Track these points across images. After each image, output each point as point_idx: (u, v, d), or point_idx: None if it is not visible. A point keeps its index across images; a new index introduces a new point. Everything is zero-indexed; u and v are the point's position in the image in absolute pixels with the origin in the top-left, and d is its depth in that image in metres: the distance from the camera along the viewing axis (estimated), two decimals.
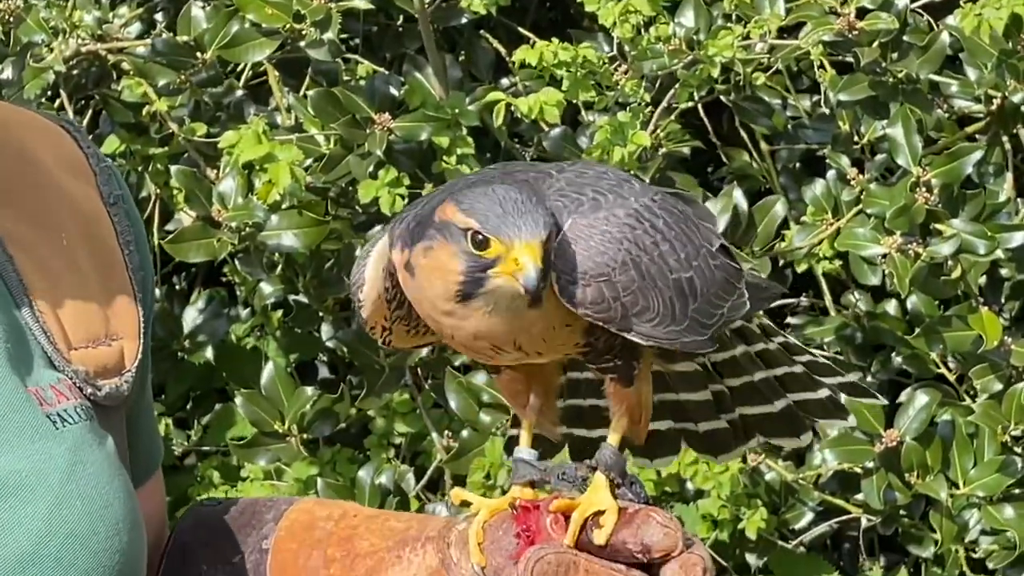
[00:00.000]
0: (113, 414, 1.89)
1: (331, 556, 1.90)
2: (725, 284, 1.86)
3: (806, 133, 3.70)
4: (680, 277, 1.80)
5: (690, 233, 1.83)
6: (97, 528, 1.78)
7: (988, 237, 3.28)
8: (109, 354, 1.89)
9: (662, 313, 1.78)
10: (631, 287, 1.76)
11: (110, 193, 1.97)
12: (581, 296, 1.75)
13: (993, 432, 3.37)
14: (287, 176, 3.27)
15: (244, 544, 1.94)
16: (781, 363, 1.98)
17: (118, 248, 1.95)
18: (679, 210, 1.84)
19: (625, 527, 1.78)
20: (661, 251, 1.79)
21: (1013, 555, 3.46)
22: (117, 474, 1.83)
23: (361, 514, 1.94)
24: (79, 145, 1.98)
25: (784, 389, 1.98)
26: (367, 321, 1.85)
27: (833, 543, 3.92)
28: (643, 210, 1.80)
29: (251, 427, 3.54)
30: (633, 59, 3.44)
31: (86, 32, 3.46)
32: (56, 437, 1.80)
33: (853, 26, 3.37)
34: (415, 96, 3.41)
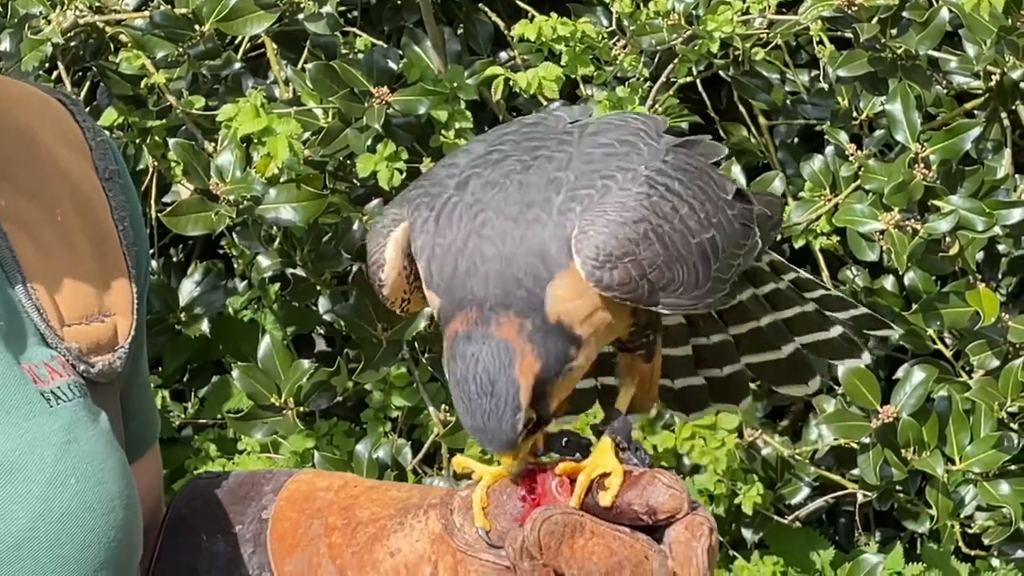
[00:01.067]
0: (106, 390, 1.89)
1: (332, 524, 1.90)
2: (743, 231, 1.83)
3: (805, 108, 3.70)
4: (702, 240, 1.77)
5: (706, 188, 1.80)
6: (93, 506, 1.78)
7: (986, 213, 3.28)
8: (102, 330, 1.89)
9: (687, 281, 1.76)
10: (656, 261, 1.74)
11: (105, 168, 1.96)
12: (609, 279, 1.72)
13: (989, 408, 3.37)
14: (285, 149, 3.27)
15: (243, 515, 1.94)
16: (791, 303, 1.95)
17: (112, 224, 1.94)
18: (693, 165, 1.81)
19: (631, 489, 1.78)
20: (681, 215, 1.76)
21: (1009, 531, 3.46)
22: (112, 451, 1.83)
23: (361, 484, 1.94)
24: (75, 119, 1.98)
25: (792, 333, 1.95)
26: (387, 297, 1.85)
27: (829, 518, 3.93)
28: (656, 175, 1.77)
29: (248, 400, 3.54)
30: (632, 34, 3.43)
31: (84, 4, 3.45)
32: (50, 415, 1.79)
33: (852, 2, 3.36)
34: (413, 70, 3.41)
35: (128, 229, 1.95)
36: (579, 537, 1.76)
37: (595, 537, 1.76)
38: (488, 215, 1.75)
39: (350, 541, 1.88)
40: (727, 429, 3.52)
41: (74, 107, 1.99)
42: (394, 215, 1.83)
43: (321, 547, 1.89)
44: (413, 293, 1.84)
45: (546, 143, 1.80)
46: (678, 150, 1.82)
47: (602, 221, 1.72)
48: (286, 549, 1.91)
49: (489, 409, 1.71)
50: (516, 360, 1.71)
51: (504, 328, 1.73)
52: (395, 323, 3.50)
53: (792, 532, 3.73)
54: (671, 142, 1.83)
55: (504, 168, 1.78)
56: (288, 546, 1.91)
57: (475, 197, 1.77)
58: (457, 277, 1.75)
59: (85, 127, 1.97)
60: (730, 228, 1.81)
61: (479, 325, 1.73)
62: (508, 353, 1.71)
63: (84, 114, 1.99)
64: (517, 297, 1.72)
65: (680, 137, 1.86)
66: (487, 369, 1.71)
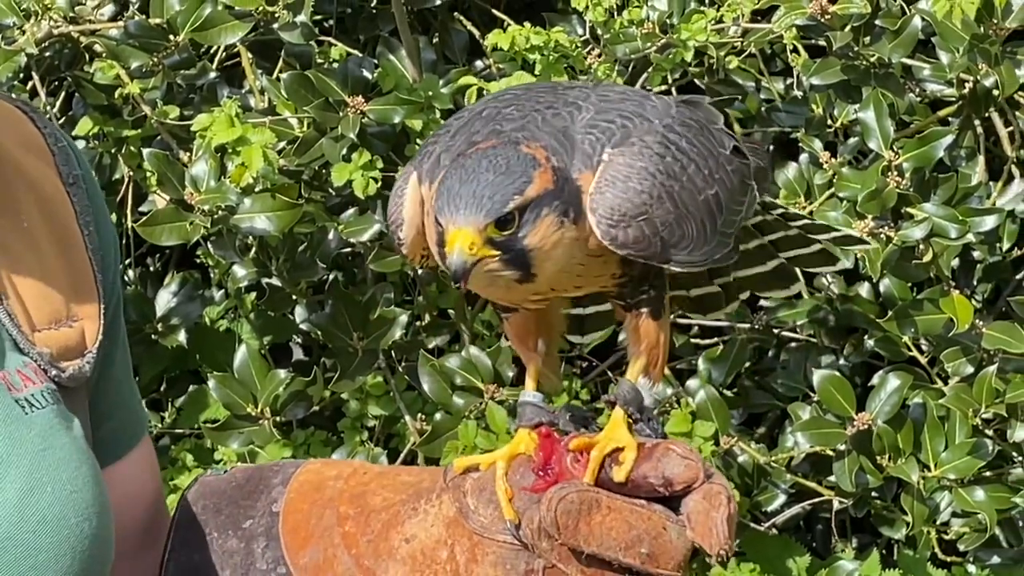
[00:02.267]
0: (77, 395, 1.90)
1: (344, 513, 1.89)
2: (741, 186, 1.88)
3: (779, 116, 3.70)
4: (707, 196, 1.82)
5: (709, 144, 1.84)
6: (67, 514, 1.78)
7: (960, 221, 3.29)
8: (70, 335, 1.89)
9: (695, 237, 1.81)
10: (668, 219, 1.78)
11: (69, 173, 1.96)
12: (624, 237, 1.76)
13: (964, 415, 3.38)
14: (260, 159, 3.27)
15: (253, 509, 1.94)
16: (777, 230, 2.01)
17: (77, 228, 1.94)
18: (696, 121, 1.85)
19: (645, 461, 1.78)
20: (689, 174, 1.80)
21: (984, 537, 3.47)
22: (85, 459, 1.83)
23: (371, 470, 1.94)
24: (36, 125, 1.98)
25: (777, 250, 2.01)
26: (407, 254, 1.86)
27: (805, 525, 3.94)
28: (668, 132, 1.81)
29: (224, 410, 3.54)
30: (606, 43, 3.44)
31: (58, 14, 3.45)
32: (26, 422, 1.80)
33: (825, 10, 3.37)
34: (388, 79, 3.41)
35: (93, 234, 1.95)
36: (596, 513, 1.76)
37: (612, 512, 1.77)
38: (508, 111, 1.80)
39: (364, 529, 1.88)
40: (703, 436, 3.52)
41: (33, 114, 1.99)
42: (404, 173, 1.86)
43: (335, 537, 1.88)
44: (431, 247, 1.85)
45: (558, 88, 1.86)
46: (683, 106, 1.87)
47: (621, 183, 1.77)
48: (300, 541, 1.91)
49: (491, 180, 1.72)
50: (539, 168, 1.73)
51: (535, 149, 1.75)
52: (371, 332, 3.50)
53: (769, 539, 3.73)
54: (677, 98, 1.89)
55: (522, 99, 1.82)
56: (302, 538, 1.90)
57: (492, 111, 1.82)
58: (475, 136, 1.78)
59: (46, 133, 1.97)
60: (730, 182, 1.86)
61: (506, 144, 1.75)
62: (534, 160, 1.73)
63: (44, 120, 1.99)
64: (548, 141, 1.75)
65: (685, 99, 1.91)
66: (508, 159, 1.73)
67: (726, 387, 3.66)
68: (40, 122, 1.98)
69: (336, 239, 3.50)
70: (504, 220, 1.73)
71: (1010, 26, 3.37)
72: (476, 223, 1.72)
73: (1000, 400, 3.36)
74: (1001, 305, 3.75)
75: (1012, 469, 3.52)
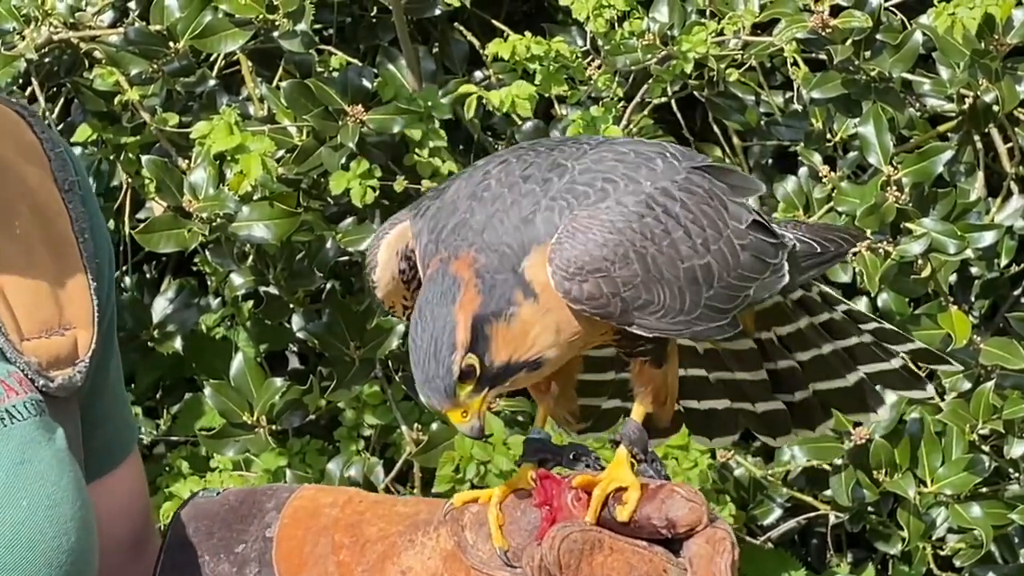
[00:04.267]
0: (66, 405, 1.88)
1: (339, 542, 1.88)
2: (754, 263, 1.82)
3: (779, 130, 3.70)
4: (693, 265, 1.77)
5: (713, 215, 1.79)
6: (44, 528, 1.76)
7: (958, 236, 3.29)
8: (62, 344, 1.87)
9: (668, 305, 1.75)
10: (633, 281, 1.73)
11: (65, 179, 1.94)
12: (577, 292, 1.72)
13: (961, 431, 3.37)
14: (258, 167, 3.27)
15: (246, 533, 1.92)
16: (848, 333, 1.95)
17: (72, 235, 1.93)
18: (705, 189, 1.80)
19: (649, 502, 1.77)
20: (673, 239, 1.76)
21: (980, 553, 3.47)
22: (66, 471, 1.81)
23: (367, 499, 1.92)
24: (33, 131, 1.96)
25: (855, 361, 1.95)
26: (383, 301, 1.86)
27: (801, 539, 3.93)
28: (658, 195, 1.76)
29: (220, 417, 3.53)
30: (606, 54, 3.44)
31: (58, 20, 3.45)
32: (3, 435, 1.77)
33: (827, 24, 3.37)
34: (388, 88, 3.41)
35: (89, 241, 1.94)
36: (598, 554, 1.75)
37: (614, 553, 1.75)
38: (489, 183, 1.77)
39: (359, 559, 1.87)
40: (700, 450, 3.52)
41: (31, 118, 1.97)
42: (394, 219, 1.85)
43: (329, 566, 1.87)
44: (412, 297, 1.85)
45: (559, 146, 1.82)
46: (697, 172, 1.81)
47: (581, 235, 1.73)
48: (293, 569, 1.89)
49: (429, 350, 1.70)
50: (459, 295, 1.71)
51: (462, 262, 1.73)
52: (368, 341, 3.49)
53: (764, 553, 3.73)
54: (697, 163, 1.82)
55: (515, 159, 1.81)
56: (295, 566, 1.89)
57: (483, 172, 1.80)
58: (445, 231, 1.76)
59: (43, 138, 1.96)
60: (734, 258, 1.80)
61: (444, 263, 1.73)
62: (453, 288, 1.71)
63: (42, 125, 1.97)
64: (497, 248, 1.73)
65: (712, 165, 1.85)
66: (432, 307, 1.71)
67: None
68: (38, 127, 1.96)
69: (334, 248, 3.50)
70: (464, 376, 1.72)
71: (1011, 42, 3.38)
72: (450, 403, 1.72)
73: (997, 416, 3.36)
74: (999, 321, 3.75)
75: (1009, 485, 3.52)
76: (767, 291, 1.84)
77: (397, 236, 1.83)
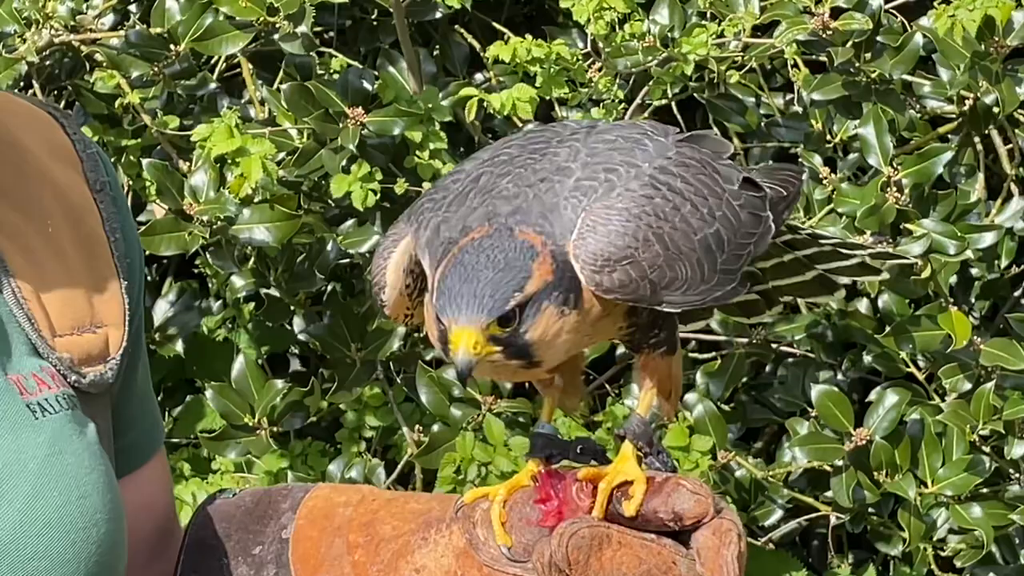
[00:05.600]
0: (97, 401, 1.89)
1: (354, 542, 1.89)
2: (752, 220, 1.86)
3: (779, 131, 3.70)
4: (705, 235, 1.80)
5: (711, 182, 1.83)
6: (73, 518, 1.78)
7: (958, 237, 3.29)
8: (94, 341, 1.89)
9: (690, 278, 1.79)
10: (657, 262, 1.77)
11: (96, 180, 1.97)
12: (609, 283, 1.75)
13: (961, 431, 3.38)
14: (259, 170, 3.27)
15: (262, 535, 1.93)
16: (810, 245, 2.00)
17: (104, 235, 1.95)
18: (697, 159, 1.84)
19: (655, 496, 1.78)
20: (682, 213, 1.79)
21: (980, 554, 3.47)
22: (97, 464, 1.83)
23: (380, 497, 1.93)
24: (65, 132, 1.98)
25: (813, 263, 2.00)
26: (390, 316, 1.87)
27: (802, 540, 3.93)
28: (659, 174, 1.80)
29: (221, 419, 3.54)
30: (607, 56, 3.44)
31: (59, 23, 3.45)
32: (34, 427, 1.79)
33: (827, 26, 3.38)
34: (388, 91, 3.41)
35: (120, 240, 1.96)
36: (607, 548, 1.75)
37: (623, 547, 1.76)
38: (504, 183, 1.79)
39: (373, 559, 1.87)
40: (701, 451, 3.52)
41: (64, 120, 1.99)
42: (395, 234, 1.86)
43: (345, 566, 1.88)
44: (416, 308, 1.87)
45: (551, 143, 1.84)
46: (683, 145, 1.85)
47: (602, 228, 1.76)
48: (310, 570, 1.90)
49: (491, 278, 1.72)
50: (538, 258, 1.73)
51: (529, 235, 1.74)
52: (369, 343, 3.50)
53: (765, 554, 3.73)
54: (677, 137, 1.86)
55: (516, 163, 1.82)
56: (312, 567, 1.90)
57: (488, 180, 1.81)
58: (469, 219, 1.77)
59: (75, 139, 1.98)
60: (736, 220, 1.84)
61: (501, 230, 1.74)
62: (532, 250, 1.73)
63: (74, 126, 1.99)
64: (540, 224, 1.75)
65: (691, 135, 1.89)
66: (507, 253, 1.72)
67: (724, 401, 3.66)
68: (70, 128, 1.98)
69: (335, 250, 3.50)
70: (505, 318, 1.73)
71: (1011, 44, 3.38)
72: (478, 323, 1.73)
73: (998, 417, 3.36)
74: (999, 322, 3.75)
75: (1009, 486, 3.52)
76: (764, 242, 1.88)
77: (401, 254, 1.84)
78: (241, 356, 3.53)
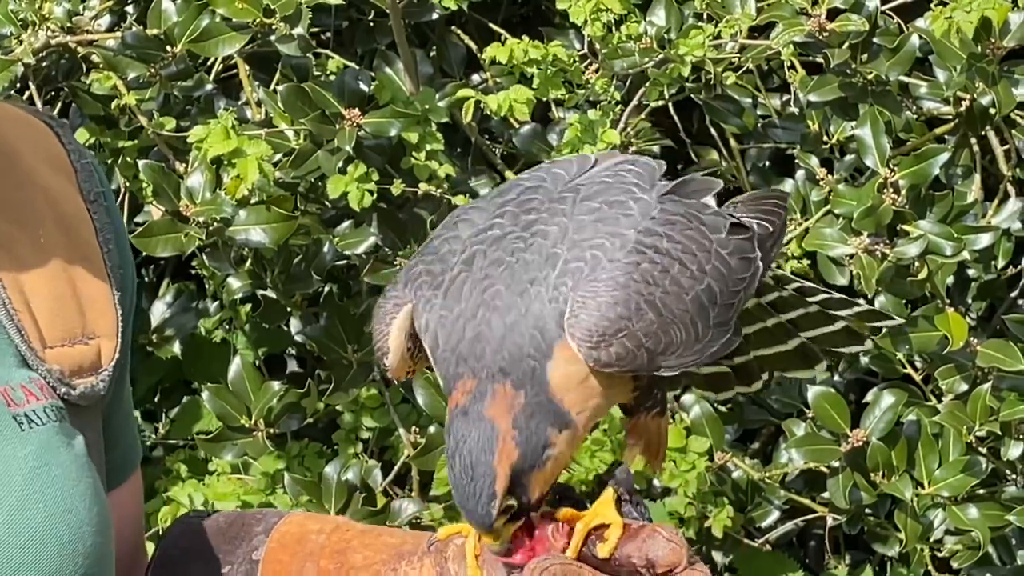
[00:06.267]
0: (88, 413, 1.88)
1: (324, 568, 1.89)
2: (742, 265, 1.85)
3: (776, 132, 3.70)
4: (697, 292, 1.80)
5: (698, 236, 1.82)
6: (59, 532, 1.77)
7: (955, 238, 3.29)
8: (85, 353, 1.88)
9: (685, 340, 1.79)
10: (651, 329, 1.76)
11: (90, 190, 1.95)
12: (607, 357, 1.75)
13: (958, 432, 3.38)
14: (255, 171, 3.27)
15: (233, 555, 1.93)
16: (795, 307, 1.98)
17: (97, 245, 1.93)
18: (682, 214, 1.82)
19: (630, 541, 1.78)
20: (672, 275, 1.78)
21: (977, 555, 3.47)
22: (84, 476, 1.81)
23: (354, 528, 1.93)
24: (60, 140, 1.97)
25: (798, 329, 1.98)
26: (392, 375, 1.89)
27: (799, 541, 3.94)
28: (644, 237, 1.79)
29: (218, 421, 3.53)
30: (604, 57, 3.44)
31: (56, 24, 3.45)
32: (20, 439, 1.78)
33: (824, 27, 3.38)
34: (385, 92, 3.41)
35: (113, 251, 1.94)
36: None
37: None
38: (498, 288, 1.79)
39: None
40: (697, 452, 3.52)
41: (59, 128, 1.98)
42: (396, 298, 1.86)
43: None
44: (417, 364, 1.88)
45: (542, 215, 1.83)
46: (668, 199, 1.83)
47: (592, 302, 1.75)
48: None
49: (469, 492, 1.74)
50: (497, 447, 1.74)
51: (497, 404, 1.75)
52: (366, 345, 3.50)
53: (762, 555, 3.73)
54: (662, 190, 1.84)
55: (507, 245, 1.81)
56: None
57: (484, 272, 1.80)
58: (464, 344, 1.78)
59: (70, 149, 1.97)
60: (727, 269, 1.83)
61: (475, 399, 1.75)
62: (492, 439, 1.74)
63: (69, 135, 1.98)
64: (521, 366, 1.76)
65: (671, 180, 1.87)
66: (471, 452, 1.74)
67: (720, 403, 3.66)
68: (65, 137, 1.97)
69: (331, 251, 3.50)
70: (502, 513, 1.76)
71: (1007, 45, 3.38)
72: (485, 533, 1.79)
73: (994, 418, 3.36)
74: (995, 323, 3.76)
75: (1006, 487, 3.52)
76: (754, 283, 1.87)
77: (403, 319, 1.84)
78: (238, 357, 3.53)
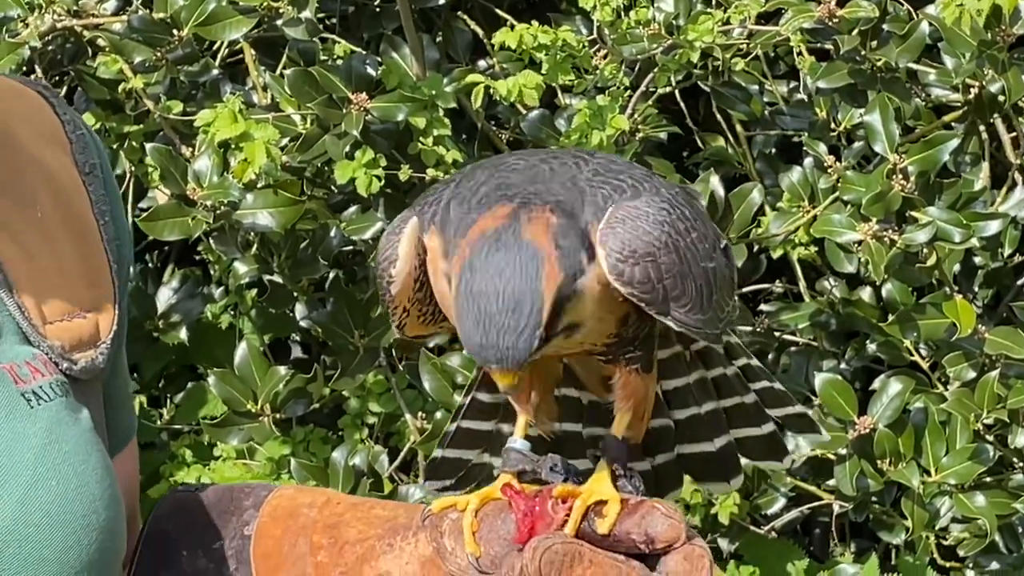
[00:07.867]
0: (89, 387, 1.88)
1: (317, 543, 1.88)
2: (729, 283, 1.87)
3: (783, 119, 3.70)
4: (706, 266, 1.81)
5: (707, 228, 1.84)
6: (73, 507, 1.77)
7: (963, 225, 3.29)
8: (84, 327, 1.87)
9: (694, 300, 1.79)
10: (672, 270, 1.76)
11: (86, 162, 1.94)
12: (630, 274, 1.74)
13: (965, 420, 3.37)
14: (263, 155, 3.26)
15: (224, 530, 1.92)
16: (735, 392, 1.96)
17: (93, 218, 1.92)
18: (694, 207, 1.85)
19: (629, 517, 1.77)
20: (692, 238, 1.79)
21: (983, 543, 3.47)
22: (94, 450, 1.81)
23: (345, 501, 1.92)
24: (55, 112, 1.95)
25: (729, 425, 1.96)
26: (394, 299, 1.83)
27: (804, 528, 3.94)
28: (674, 199, 1.80)
29: (223, 406, 3.53)
30: (612, 43, 3.43)
31: (62, 8, 3.44)
32: (30, 416, 1.78)
33: (833, 14, 3.37)
34: (392, 76, 3.40)
35: (109, 224, 1.93)
36: (577, 566, 1.75)
37: (593, 566, 1.75)
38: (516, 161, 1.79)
39: (337, 561, 1.86)
40: None
41: (54, 100, 1.96)
42: (404, 216, 1.83)
43: (307, 566, 1.87)
44: (414, 305, 1.84)
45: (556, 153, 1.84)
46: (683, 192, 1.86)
47: (631, 222, 1.75)
48: (271, 567, 1.89)
49: (509, 325, 1.69)
50: (543, 270, 1.70)
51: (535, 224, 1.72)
52: (372, 330, 3.49)
53: (768, 542, 3.73)
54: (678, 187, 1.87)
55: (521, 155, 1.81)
56: (273, 565, 1.89)
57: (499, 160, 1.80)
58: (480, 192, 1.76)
59: (65, 120, 1.95)
60: (723, 270, 1.85)
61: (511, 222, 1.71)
62: (536, 262, 1.70)
63: (64, 106, 1.96)
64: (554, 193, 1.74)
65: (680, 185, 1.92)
66: (513, 285, 1.69)
67: None
68: (60, 108, 1.95)
69: (338, 236, 3.50)
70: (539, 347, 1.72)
71: (1017, 32, 3.37)
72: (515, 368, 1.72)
73: (1001, 405, 3.36)
74: (1003, 310, 3.75)
75: (1013, 475, 3.52)
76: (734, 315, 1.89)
77: (414, 229, 1.81)
78: (244, 343, 3.52)
